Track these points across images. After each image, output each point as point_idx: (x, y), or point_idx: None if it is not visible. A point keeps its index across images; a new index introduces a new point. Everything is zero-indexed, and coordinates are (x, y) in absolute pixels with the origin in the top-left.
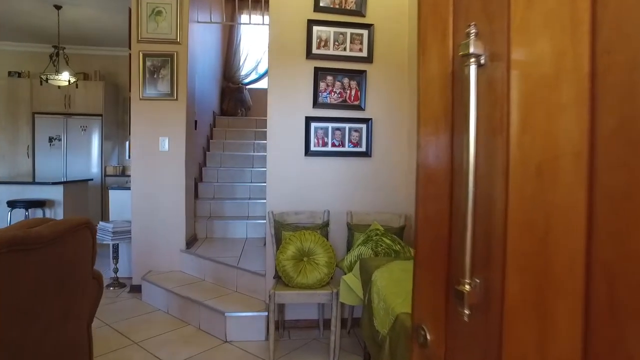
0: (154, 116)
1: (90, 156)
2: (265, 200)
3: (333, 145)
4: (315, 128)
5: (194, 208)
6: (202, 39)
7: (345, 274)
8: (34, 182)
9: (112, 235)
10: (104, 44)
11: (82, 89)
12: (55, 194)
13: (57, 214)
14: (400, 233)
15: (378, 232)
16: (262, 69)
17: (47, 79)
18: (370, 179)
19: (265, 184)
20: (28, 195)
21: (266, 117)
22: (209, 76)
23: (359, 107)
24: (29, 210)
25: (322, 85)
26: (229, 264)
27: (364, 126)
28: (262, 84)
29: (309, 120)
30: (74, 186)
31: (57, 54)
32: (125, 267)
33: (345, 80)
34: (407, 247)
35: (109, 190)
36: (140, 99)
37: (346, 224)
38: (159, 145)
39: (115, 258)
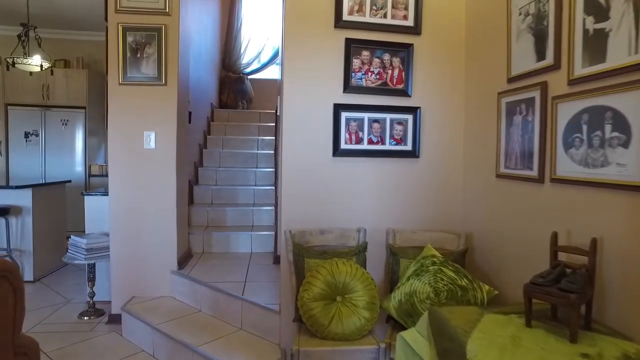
0: (137, 105)
1: (73, 154)
2: (271, 207)
3: (370, 142)
4: (347, 119)
5: (188, 217)
6: (197, 16)
7: (394, 316)
8: None
9: (85, 253)
10: (87, 28)
11: (63, 78)
12: (23, 199)
13: (25, 223)
14: (460, 259)
15: (435, 260)
16: (265, 57)
17: (13, 63)
18: (418, 186)
19: (272, 187)
20: None
21: (271, 110)
22: (206, 63)
23: (403, 93)
24: None
25: (355, 62)
26: (231, 294)
27: (409, 117)
28: (265, 74)
29: (338, 109)
30: (47, 190)
31: (27, 34)
32: (105, 288)
33: (386, 57)
34: (476, 282)
35: (84, 196)
36: (120, 84)
37: (387, 247)
38: (143, 142)
39: (91, 280)
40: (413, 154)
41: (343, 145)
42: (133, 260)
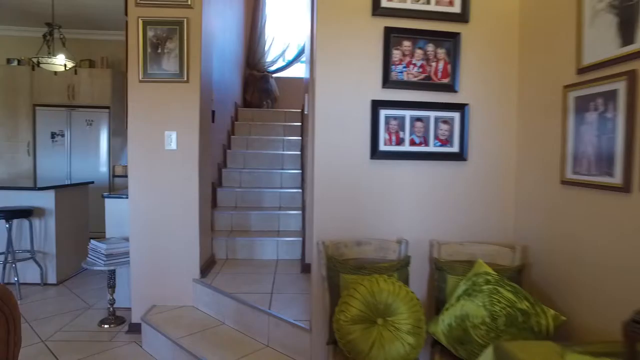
0: (158, 104)
1: (97, 154)
2: (298, 212)
3: (412, 143)
4: (387, 117)
5: (211, 221)
6: (221, 12)
7: (442, 342)
8: (17, 187)
9: (105, 259)
10: (110, 27)
11: (87, 78)
12: (46, 200)
13: (48, 225)
14: (516, 277)
15: (489, 278)
16: (289, 55)
17: (38, 63)
18: (465, 192)
19: (298, 190)
20: (13, 203)
21: (297, 109)
22: (230, 61)
23: (449, 87)
24: (13, 221)
25: (395, 54)
26: (257, 307)
27: (456, 115)
28: (290, 72)
29: (376, 106)
30: (69, 191)
31: (51, 33)
32: (126, 294)
33: (430, 48)
34: (539, 305)
35: (104, 199)
36: (140, 81)
37: (431, 261)
38: (164, 142)
39: (112, 287)
40: (460, 156)
41: (382, 147)
42: (154, 267)
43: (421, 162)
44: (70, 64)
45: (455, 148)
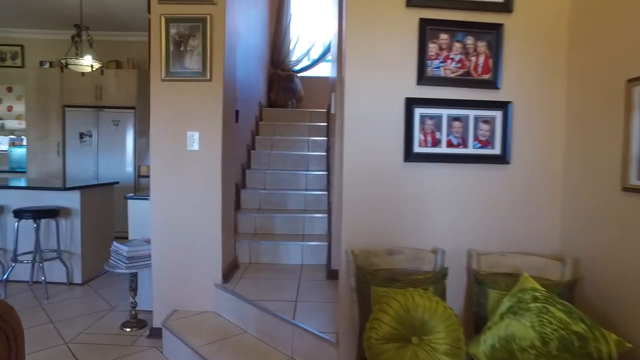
0: (180, 103)
1: (124, 154)
2: (324, 215)
3: (449, 144)
4: (422, 117)
5: (234, 224)
6: (245, 10)
7: None
8: (44, 188)
9: (126, 261)
10: (137, 28)
11: (114, 79)
12: (72, 201)
13: (74, 225)
14: (567, 294)
15: (538, 295)
16: (315, 54)
17: (66, 64)
18: (507, 198)
19: (324, 193)
20: (41, 202)
21: (322, 109)
22: (254, 60)
23: (490, 84)
24: (40, 221)
25: (431, 48)
26: (281, 316)
27: (498, 114)
28: (315, 71)
29: (411, 104)
30: (95, 191)
31: (79, 35)
32: (148, 296)
33: (469, 41)
34: (597, 328)
35: (127, 200)
36: (163, 80)
37: (469, 272)
38: (186, 143)
39: (134, 289)
40: (502, 159)
41: (417, 149)
42: (175, 271)
43: (459, 165)
44: (96, 65)
45: (496, 150)
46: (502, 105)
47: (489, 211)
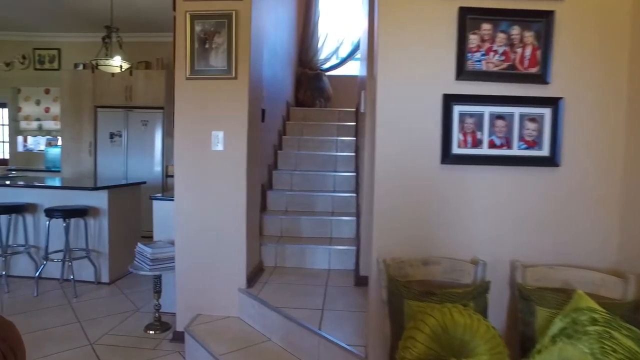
0: (205, 102)
1: (152, 154)
2: (352, 218)
3: (491, 144)
4: (461, 115)
5: (259, 226)
6: (272, 7)
7: None
8: (73, 187)
9: (150, 263)
10: (166, 29)
11: (143, 79)
12: (100, 200)
13: (102, 225)
14: (631, 315)
15: (596, 316)
16: (343, 52)
17: (97, 64)
18: (556, 204)
19: (352, 195)
20: (71, 202)
21: (351, 108)
22: (282, 58)
23: (538, 78)
24: (70, 220)
25: (472, 40)
26: (306, 326)
27: (546, 111)
28: (344, 70)
29: (449, 101)
30: (122, 191)
31: (109, 36)
32: (172, 298)
33: (515, 31)
34: None
35: (152, 201)
36: (187, 79)
37: (513, 286)
38: (210, 142)
39: (157, 292)
40: (551, 161)
41: (455, 150)
42: (199, 274)
43: (502, 167)
44: (125, 65)
45: (544, 151)
46: (552, 102)
47: (535, 218)
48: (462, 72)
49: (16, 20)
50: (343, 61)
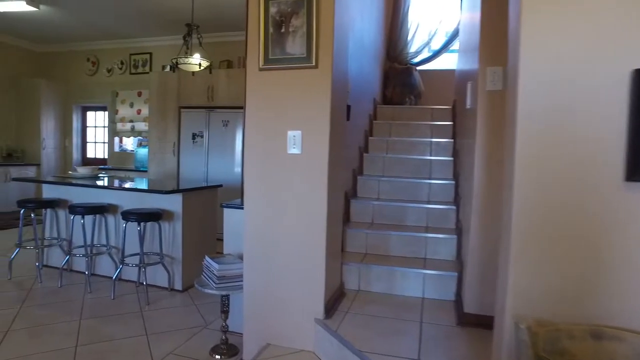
0: (280, 96)
1: (233, 155)
2: (452, 236)
3: None
4: None
5: (341, 242)
6: None
7: None
8: (148, 190)
9: (217, 281)
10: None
11: (225, 79)
12: (174, 204)
13: (176, 229)
14: None
15: None
16: (436, 44)
17: (177, 63)
18: None
19: (451, 207)
20: (148, 204)
21: (446, 105)
22: (369, 52)
23: None
24: (145, 224)
25: None
26: None
27: None
28: (437, 63)
29: None
30: (197, 195)
31: (190, 34)
32: (242, 317)
33: None
34: None
35: (223, 209)
36: (260, 69)
37: None
38: (286, 144)
39: (225, 312)
40: None
41: None
42: (270, 299)
43: None
44: (204, 63)
45: None
46: None
47: None
48: None
49: (115, 29)
50: (436, 54)
